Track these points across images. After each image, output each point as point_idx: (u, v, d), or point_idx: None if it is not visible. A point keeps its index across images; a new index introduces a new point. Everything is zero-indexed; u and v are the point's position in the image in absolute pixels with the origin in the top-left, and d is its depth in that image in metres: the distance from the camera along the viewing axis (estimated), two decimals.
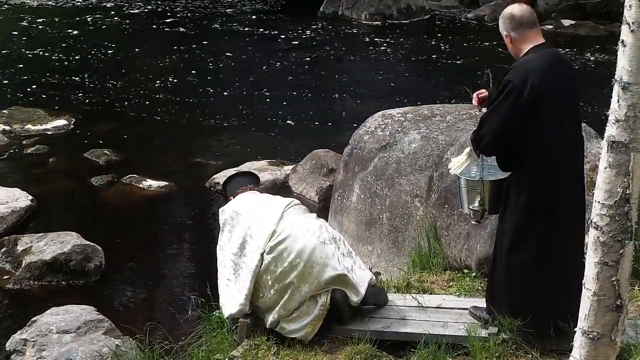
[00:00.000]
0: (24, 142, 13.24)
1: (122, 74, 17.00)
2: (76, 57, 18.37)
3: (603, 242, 4.14)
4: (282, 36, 20.70)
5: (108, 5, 23.92)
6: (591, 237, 4.19)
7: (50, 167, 12.42)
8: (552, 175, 5.79)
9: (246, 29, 21.37)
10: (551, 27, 21.63)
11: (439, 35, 20.80)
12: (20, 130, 13.68)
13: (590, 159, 7.63)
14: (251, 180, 7.04)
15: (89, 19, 22.08)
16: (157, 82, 16.55)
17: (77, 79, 16.68)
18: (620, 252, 4.14)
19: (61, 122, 14.11)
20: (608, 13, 21.70)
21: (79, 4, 24.01)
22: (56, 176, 12.12)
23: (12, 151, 12.89)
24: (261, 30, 21.12)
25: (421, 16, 22.80)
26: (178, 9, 23.71)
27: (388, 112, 9.29)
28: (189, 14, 23.10)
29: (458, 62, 18.14)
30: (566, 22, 21.70)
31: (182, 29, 21.33)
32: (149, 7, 23.80)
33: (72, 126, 14.03)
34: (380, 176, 8.52)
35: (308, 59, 18.75)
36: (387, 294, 6.72)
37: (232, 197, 6.82)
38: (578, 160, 5.95)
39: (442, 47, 19.62)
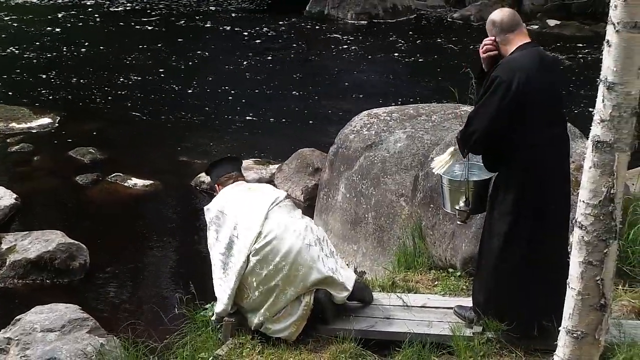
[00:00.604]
0: (8, 140, 13.20)
1: (107, 72, 16.96)
2: (61, 55, 18.31)
3: (587, 241, 4.15)
4: (268, 35, 20.69)
5: (90, 3, 23.87)
6: (576, 236, 4.20)
7: (35, 165, 12.37)
8: (539, 177, 5.81)
9: (231, 27, 21.34)
10: (536, 27, 21.67)
11: (425, 34, 20.83)
12: (4, 129, 13.62)
13: (575, 158, 7.65)
14: (235, 167, 6.99)
15: (71, 17, 22.03)
16: (142, 80, 16.52)
17: (62, 77, 16.62)
18: (605, 251, 4.15)
19: (46, 120, 14.06)
20: (593, 13, 21.78)
21: (61, 2, 23.94)
22: (41, 174, 12.07)
23: None
24: (246, 29, 21.09)
25: (407, 16, 22.82)
26: (162, 7, 23.67)
27: (374, 111, 9.30)
28: (173, 12, 23.07)
29: (444, 61, 18.15)
30: (551, 22, 21.75)
31: (166, 28, 21.29)
32: (133, 4, 23.75)
33: (57, 124, 13.98)
34: (366, 175, 8.52)
35: (294, 58, 18.75)
36: (372, 293, 6.73)
37: (217, 185, 6.81)
38: (564, 161, 5.97)
39: (428, 47, 19.64)
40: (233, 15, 22.83)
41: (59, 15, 22.12)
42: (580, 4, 22.00)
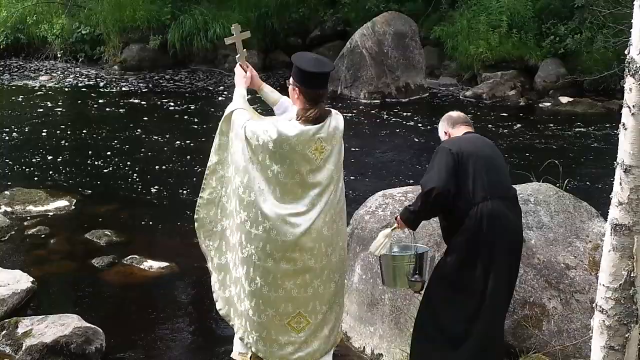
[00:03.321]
0: (25, 223, 13.25)
1: (122, 155, 17.08)
2: (76, 138, 18.48)
3: (609, 325, 4.13)
4: None
5: (102, 84, 24.17)
6: (596, 320, 4.18)
7: (51, 248, 12.39)
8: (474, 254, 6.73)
9: None
10: (549, 104, 21.81)
11: (438, 113, 20.78)
12: (21, 212, 13.70)
13: (592, 238, 7.68)
14: (325, 92, 6.89)
15: (86, 100, 22.27)
16: (157, 161, 16.62)
17: (77, 159, 16.75)
18: (626, 335, 4.12)
19: (62, 202, 14.14)
20: (605, 90, 21.93)
21: (75, 85, 24.25)
22: (57, 257, 12.08)
23: (13, 232, 12.89)
24: (258, 108, 21.23)
25: (420, 94, 22.97)
26: (176, 87, 23.92)
27: (389, 191, 9.33)
28: (186, 92, 23.31)
29: None
30: (564, 100, 21.90)
31: (179, 108, 21.48)
32: (146, 85, 24.03)
33: (73, 207, 14.05)
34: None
35: None
36: None
37: (294, 88, 6.83)
38: (504, 234, 6.59)
39: None
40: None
41: (75, 99, 22.39)
42: (592, 80, 22.15)
